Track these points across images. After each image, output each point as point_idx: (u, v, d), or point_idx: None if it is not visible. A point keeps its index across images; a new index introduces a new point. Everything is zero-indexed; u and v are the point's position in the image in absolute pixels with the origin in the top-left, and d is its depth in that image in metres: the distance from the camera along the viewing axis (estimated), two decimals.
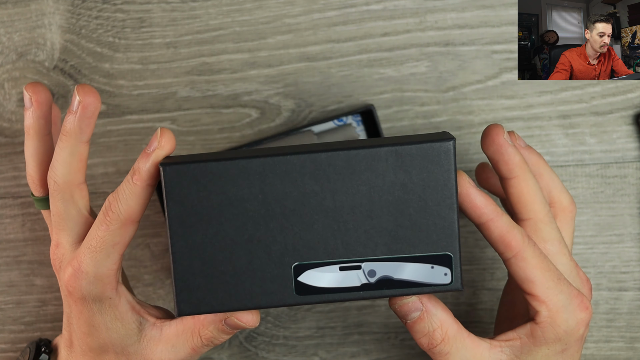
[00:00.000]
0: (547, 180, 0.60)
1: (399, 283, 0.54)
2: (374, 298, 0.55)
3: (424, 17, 0.69)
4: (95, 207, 0.71)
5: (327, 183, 0.54)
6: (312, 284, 0.54)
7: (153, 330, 0.58)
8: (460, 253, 0.54)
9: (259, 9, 0.69)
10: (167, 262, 0.71)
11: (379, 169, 0.53)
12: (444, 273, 0.54)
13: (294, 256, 0.54)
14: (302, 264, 0.54)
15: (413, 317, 0.56)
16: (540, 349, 0.56)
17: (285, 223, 0.54)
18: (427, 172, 0.53)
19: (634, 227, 0.70)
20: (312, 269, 0.54)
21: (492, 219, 0.55)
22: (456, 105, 0.69)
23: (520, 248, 0.55)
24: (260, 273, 0.54)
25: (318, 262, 0.54)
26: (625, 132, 0.69)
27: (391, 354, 0.71)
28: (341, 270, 0.54)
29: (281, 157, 0.53)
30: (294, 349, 0.71)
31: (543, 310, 0.56)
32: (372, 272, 0.54)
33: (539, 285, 0.55)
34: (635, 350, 0.71)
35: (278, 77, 0.70)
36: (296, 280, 0.54)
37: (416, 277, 0.54)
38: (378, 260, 0.54)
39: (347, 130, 0.68)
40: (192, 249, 0.54)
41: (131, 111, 0.70)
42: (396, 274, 0.54)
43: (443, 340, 0.56)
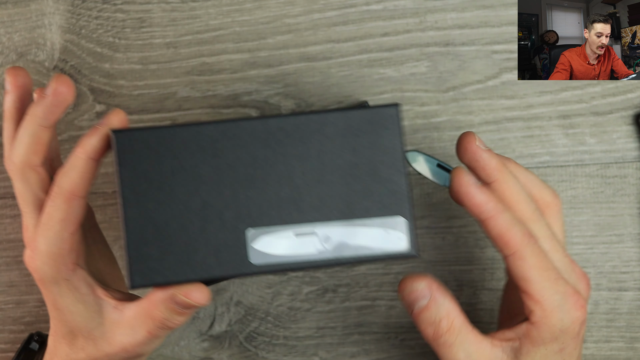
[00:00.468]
0: (523, 180, 0.59)
1: (354, 249, 0.54)
2: (330, 265, 0.55)
3: (424, 17, 0.69)
4: (95, 207, 0.71)
5: (278, 148, 0.54)
6: (267, 251, 0.54)
7: (114, 313, 0.58)
8: (414, 219, 0.54)
9: (259, 9, 0.69)
10: None
11: (328, 133, 0.54)
12: (398, 238, 0.54)
13: (248, 222, 0.54)
14: (257, 230, 0.54)
15: (420, 305, 0.55)
16: (538, 349, 0.56)
17: (238, 189, 0.54)
18: (375, 135, 0.54)
19: (634, 227, 0.70)
20: (267, 235, 0.54)
21: (491, 216, 0.54)
22: (456, 105, 0.69)
23: (518, 247, 0.55)
24: (214, 241, 0.53)
25: (272, 228, 0.54)
26: (625, 132, 0.69)
27: (391, 354, 0.71)
28: (297, 237, 0.54)
29: (232, 123, 0.53)
30: (294, 349, 0.71)
31: (537, 309, 0.55)
32: (327, 238, 0.54)
33: (535, 284, 0.55)
34: (635, 350, 0.71)
35: (278, 77, 0.70)
36: (251, 247, 0.54)
37: (370, 242, 0.54)
38: (332, 225, 0.54)
39: None
40: (145, 217, 0.53)
41: (131, 111, 0.70)
42: (351, 240, 0.54)
43: (449, 330, 0.55)
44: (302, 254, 0.54)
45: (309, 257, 0.54)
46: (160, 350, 0.71)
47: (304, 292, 0.71)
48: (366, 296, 0.71)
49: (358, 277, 0.71)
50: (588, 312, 0.70)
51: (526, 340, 0.56)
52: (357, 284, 0.71)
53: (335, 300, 0.71)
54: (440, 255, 0.70)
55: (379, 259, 0.54)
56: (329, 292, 0.71)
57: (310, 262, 0.54)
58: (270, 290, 0.71)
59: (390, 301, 0.71)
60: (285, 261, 0.54)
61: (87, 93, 0.70)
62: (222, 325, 0.71)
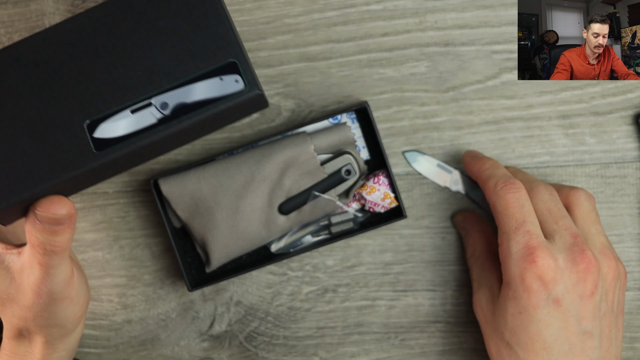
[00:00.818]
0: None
1: (194, 106, 0.54)
2: (176, 131, 0.55)
3: (424, 17, 0.69)
4: (95, 207, 0.71)
5: (93, 37, 0.55)
6: (109, 136, 0.54)
7: (18, 261, 0.58)
8: (247, 59, 0.54)
9: (259, 9, 0.69)
10: (168, 262, 0.71)
11: (138, 7, 0.55)
12: (235, 80, 0.54)
13: (84, 115, 0.54)
14: (94, 120, 0.54)
15: (462, 233, 0.69)
16: (503, 290, 0.61)
17: (67, 85, 0.54)
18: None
19: (634, 227, 0.70)
20: (104, 121, 0.54)
21: (478, 176, 0.64)
22: (456, 105, 0.69)
23: (489, 197, 0.61)
24: (58, 143, 0.54)
25: (107, 112, 0.54)
26: (625, 132, 0.69)
27: (391, 354, 0.71)
28: (133, 113, 0.54)
29: (40, 33, 0.55)
30: (294, 349, 0.71)
31: (500, 254, 0.61)
32: (165, 104, 0.54)
33: (499, 230, 0.61)
34: (635, 350, 0.71)
35: (278, 77, 0.70)
36: (92, 138, 0.54)
37: (209, 94, 0.54)
38: (165, 91, 0.54)
39: (341, 129, 0.68)
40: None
41: None
42: (189, 98, 0.54)
43: (470, 256, 0.67)
44: (143, 126, 0.54)
45: (151, 128, 0.54)
46: (160, 350, 0.71)
47: (304, 292, 0.71)
48: (366, 296, 0.71)
49: (358, 277, 0.71)
50: None
51: (502, 282, 0.61)
52: (357, 284, 0.71)
53: (335, 300, 0.71)
54: (440, 255, 0.70)
55: (221, 107, 0.54)
56: (329, 292, 0.71)
57: (153, 133, 0.54)
58: (270, 290, 0.71)
59: (390, 301, 0.71)
60: (129, 139, 0.54)
61: None
62: (222, 325, 0.71)
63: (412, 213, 0.70)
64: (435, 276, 0.70)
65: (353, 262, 0.71)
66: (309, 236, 0.69)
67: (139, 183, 0.70)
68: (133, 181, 0.70)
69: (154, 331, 0.71)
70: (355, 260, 0.71)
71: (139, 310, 0.71)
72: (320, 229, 0.69)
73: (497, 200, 0.61)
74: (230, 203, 0.67)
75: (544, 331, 0.58)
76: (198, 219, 0.67)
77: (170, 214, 0.68)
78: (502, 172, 0.63)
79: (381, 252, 0.70)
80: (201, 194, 0.67)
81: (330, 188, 0.67)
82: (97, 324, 0.71)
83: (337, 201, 0.67)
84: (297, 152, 0.67)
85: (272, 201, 0.67)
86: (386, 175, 0.68)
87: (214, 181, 0.67)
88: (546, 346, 0.58)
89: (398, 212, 0.69)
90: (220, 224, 0.67)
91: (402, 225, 0.70)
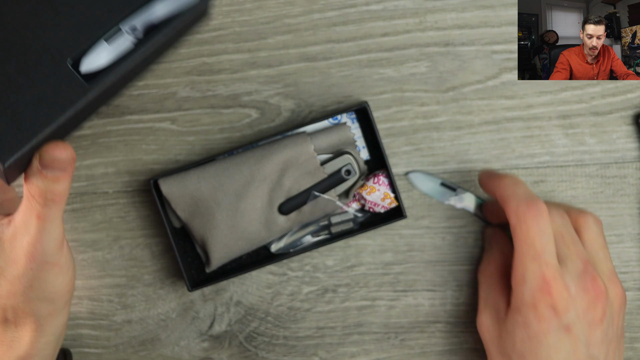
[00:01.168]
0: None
1: (162, 24, 0.57)
2: (153, 51, 0.57)
3: (424, 17, 0.69)
4: (95, 207, 0.71)
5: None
6: (95, 68, 0.56)
7: (7, 230, 0.59)
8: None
9: (259, 9, 0.69)
10: (168, 262, 0.71)
11: None
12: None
13: (63, 54, 0.56)
14: (75, 57, 0.56)
15: (486, 245, 0.69)
16: (512, 315, 0.61)
17: (37, 29, 0.56)
18: None
19: (634, 227, 0.70)
20: (85, 56, 0.56)
21: (497, 194, 0.63)
22: (456, 105, 0.69)
23: (510, 217, 0.61)
24: (48, 86, 0.56)
25: (84, 46, 0.56)
26: (625, 132, 0.69)
27: (391, 354, 0.71)
28: (109, 43, 0.56)
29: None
30: (294, 349, 0.71)
31: (513, 279, 0.60)
32: (134, 27, 0.56)
33: (516, 254, 0.60)
34: (635, 350, 0.71)
35: (278, 77, 0.70)
36: (80, 73, 0.56)
37: (171, 9, 0.57)
38: (130, 15, 0.56)
39: (341, 130, 0.68)
40: None
41: (131, 111, 0.70)
42: (154, 17, 0.57)
43: (480, 272, 0.67)
44: (122, 52, 0.56)
45: (129, 50, 0.57)
46: (160, 350, 0.71)
47: (304, 292, 0.71)
48: (366, 296, 0.71)
49: (358, 277, 0.71)
50: None
51: (510, 305, 0.61)
52: (357, 284, 0.71)
53: (335, 300, 0.71)
54: (440, 255, 0.70)
55: (184, 19, 0.57)
56: (328, 292, 0.71)
57: (136, 55, 0.57)
58: (270, 290, 0.71)
59: (390, 301, 0.71)
60: (115, 67, 0.56)
61: None
62: (222, 325, 0.71)
63: (412, 213, 0.70)
64: (435, 276, 0.70)
65: (353, 262, 0.71)
66: (308, 236, 0.69)
67: (139, 183, 0.70)
68: (133, 181, 0.70)
69: (154, 331, 0.71)
70: (355, 260, 0.71)
71: (139, 310, 0.71)
72: (320, 229, 0.69)
73: (518, 224, 0.60)
74: (230, 203, 0.67)
75: (553, 356, 0.59)
76: (198, 219, 0.67)
77: (170, 214, 0.68)
78: (524, 191, 0.62)
79: (381, 252, 0.70)
80: (201, 194, 0.67)
81: (330, 188, 0.67)
82: (97, 324, 0.71)
83: (337, 201, 0.67)
84: (297, 152, 0.67)
85: (272, 201, 0.67)
86: (386, 176, 0.68)
87: (214, 181, 0.67)
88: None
89: (398, 212, 0.69)
90: (220, 224, 0.67)
91: (402, 225, 0.70)
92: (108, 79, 0.57)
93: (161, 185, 0.67)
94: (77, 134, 0.70)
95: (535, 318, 0.59)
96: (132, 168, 0.70)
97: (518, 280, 0.60)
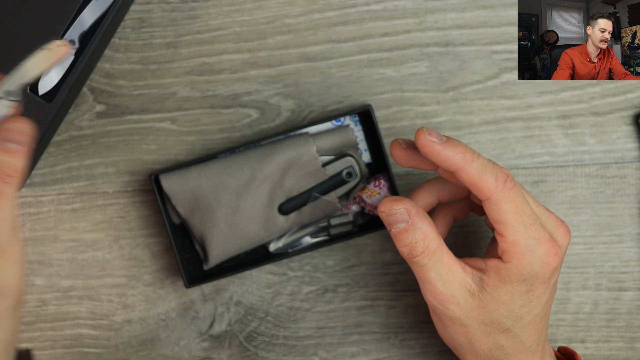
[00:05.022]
0: None
1: (92, 27, 0.64)
2: (90, 54, 0.65)
3: (424, 17, 0.69)
4: (95, 207, 0.71)
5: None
6: (51, 87, 0.65)
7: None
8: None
9: (259, 9, 0.69)
10: (167, 262, 0.71)
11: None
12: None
13: None
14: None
15: (399, 227, 0.59)
16: (504, 285, 0.59)
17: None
18: None
19: (634, 227, 0.70)
20: (40, 79, 0.65)
21: (461, 167, 0.58)
22: (456, 105, 0.69)
23: (491, 193, 0.58)
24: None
25: None
26: (625, 132, 0.69)
27: (391, 354, 0.71)
28: None
29: None
30: (294, 349, 0.71)
31: (510, 251, 0.59)
32: (72, 41, 0.65)
33: (509, 227, 0.58)
34: (635, 350, 0.71)
35: (278, 77, 0.70)
36: (40, 96, 0.64)
37: (98, 13, 0.63)
38: (66, 31, 0.64)
39: (344, 132, 0.68)
40: None
41: (131, 111, 0.70)
42: (85, 25, 0.64)
43: (423, 253, 0.59)
44: (66, 65, 0.65)
45: (72, 62, 0.65)
46: (160, 350, 0.71)
47: (304, 292, 0.71)
48: (366, 296, 0.71)
49: (358, 277, 0.71)
50: (587, 311, 0.70)
51: (494, 275, 0.59)
52: (357, 284, 0.71)
53: (335, 300, 0.71)
54: None
55: (110, 17, 0.65)
56: (328, 292, 0.71)
57: (76, 63, 0.65)
58: (270, 290, 0.71)
59: (390, 301, 0.71)
60: (64, 80, 0.65)
61: (87, 93, 0.70)
62: (222, 325, 0.71)
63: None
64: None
65: (353, 262, 0.71)
66: (307, 237, 0.69)
67: (139, 183, 0.70)
68: (133, 181, 0.70)
69: (154, 331, 0.71)
70: (355, 260, 0.71)
71: (139, 310, 0.71)
72: (319, 230, 0.69)
73: (501, 197, 0.58)
74: (230, 201, 0.67)
75: (545, 308, 0.61)
76: (198, 216, 0.67)
77: (170, 210, 0.68)
78: (490, 162, 0.59)
79: (381, 252, 0.70)
80: (202, 191, 0.67)
81: (330, 190, 0.67)
82: (97, 324, 0.71)
83: (337, 203, 0.67)
84: (299, 152, 0.67)
85: (272, 201, 0.67)
86: (387, 179, 0.68)
87: (215, 179, 0.67)
88: (541, 319, 0.61)
89: None
90: (220, 222, 0.67)
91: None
92: (64, 91, 0.65)
93: (162, 181, 0.67)
94: (76, 133, 0.70)
95: (540, 283, 0.59)
96: (132, 168, 0.70)
97: (520, 252, 0.58)
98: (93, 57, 0.67)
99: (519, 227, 0.58)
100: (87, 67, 0.67)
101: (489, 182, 0.58)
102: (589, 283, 0.70)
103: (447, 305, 0.60)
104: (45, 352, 0.71)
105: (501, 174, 0.58)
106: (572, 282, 0.70)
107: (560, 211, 0.70)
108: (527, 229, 0.58)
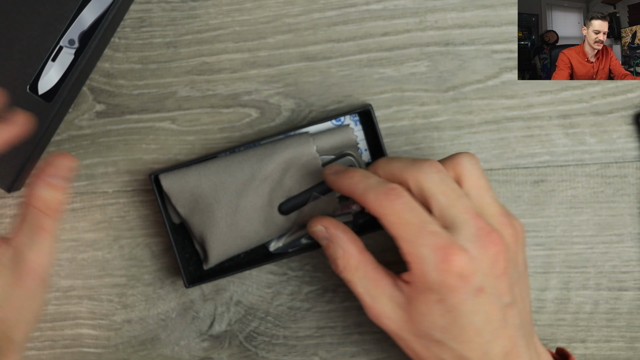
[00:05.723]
0: (381, 172, 0.62)
1: (92, 27, 0.65)
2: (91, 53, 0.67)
3: (424, 17, 0.69)
4: (94, 207, 0.71)
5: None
6: (50, 87, 0.67)
7: (6, 251, 0.57)
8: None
9: (259, 9, 0.69)
10: (167, 262, 0.71)
11: None
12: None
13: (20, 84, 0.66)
14: (31, 83, 0.65)
15: (323, 243, 0.62)
16: (420, 296, 0.59)
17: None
18: None
19: (634, 227, 0.70)
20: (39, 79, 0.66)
21: (351, 192, 0.60)
22: (456, 105, 0.70)
23: (374, 209, 0.59)
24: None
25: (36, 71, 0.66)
26: (625, 132, 0.69)
27: (391, 354, 0.71)
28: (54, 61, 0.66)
29: None
30: (294, 349, 0.71)
31: (409, 261, 0.59)
32: (72, 40, 0.66)
33: (398, 239, 0.59)
34: (635, 350, 0.71)
35: (278, 77, 0.70)
36: (40, 96, 0.66)
37: (98, 12, 0.65)
38: (65, 31, 0.66)
39: (344, 131, 0.68)
40: None
41: (131, 111, 0.70)
42: (85, 25, 0.65)
43: (345, 269, 0.61)
44: (67, 65, 0.66)
45: (72, 61, 0.66)
46: (160, 350, 0.71)
47: (304, 292, 0.71)
48: None
49: None
50: (588, 311, 0.70)
51: (410, 286, 0.59)
52: None
53: (335, 300, 0.71)
54: None
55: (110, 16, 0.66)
56: (329, 292, 0.71)
57: (76, 62, 0.66)
58: (270, 290, 0.71)
59: None
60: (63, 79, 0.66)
61: (87, 93, 0.70)
62: (222, 325, 0.71)
63: None
64: None
65: None
66: (307, 237, 0.69)
67: (139, 183, 0.70)
68: (133, 181, 0.70)
69: (153, 331, 0.71)
70: None
71: (138, 310, 0.71)
72: None
73: (384, 211, 0.59)
74: (230, 201, 0.67)
75: (473, 319, 0.59)
76: (198, 215, 0.67)
77: (169, 210, 0.68)
78: (376, 180, 0.60)
79: (381, 252, 0.70)
80: (202, 190, 0.67)
81: (330, 189, 0.67)
82: (97, 324, 0.71)
83: (337, 203, 0.67)
84: (300, 152, 0.67)
85: (272, 200, 0.67)
86: None
87: (215, 178, 0.67)
88: (478, 331, 0.59)
89: None
90: (220, 222, 0.67)
91: None
92: (64, 91, 0.66)
93: (162, 180, 0.67)
94: (76, 133, 0.70)
95: (449, 291, 0.58)
96: (132, 167, 0.70)
97: (417, 262, 0.58)
98: (93, 56, 0.67)
99: (408, 237, 0.58)
100: (87, 66, 0.67)
101: (370, 199, 0.59)
102: (590, 283, 0.70)
103: (381, 320, 0.61)
104: (45, 352, 0.71)
105: (382, 189, 0.59)
106: (572, 282, 0.70)
107: (561, 211, 0.70)
108: (418, 237, 0.58)
